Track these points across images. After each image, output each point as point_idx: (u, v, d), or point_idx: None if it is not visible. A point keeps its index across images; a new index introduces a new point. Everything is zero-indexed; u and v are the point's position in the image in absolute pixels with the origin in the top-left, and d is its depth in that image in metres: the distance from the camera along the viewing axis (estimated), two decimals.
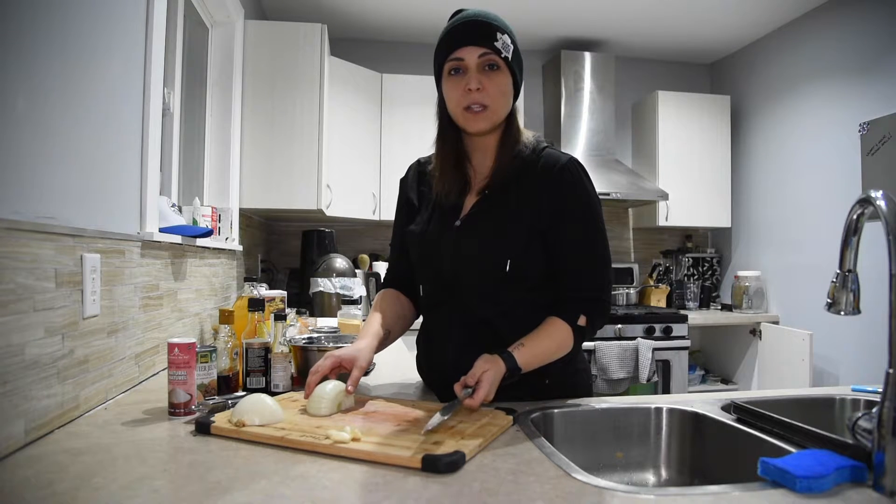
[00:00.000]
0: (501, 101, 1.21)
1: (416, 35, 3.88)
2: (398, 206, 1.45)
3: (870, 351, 2.95)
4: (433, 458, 0.82)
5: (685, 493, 0.77)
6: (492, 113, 1.20)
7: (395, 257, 1.45)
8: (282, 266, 3.67)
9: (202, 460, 0.87)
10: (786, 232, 3.60)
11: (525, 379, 1.16)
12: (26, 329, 0.94)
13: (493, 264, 1.22)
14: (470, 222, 1.26)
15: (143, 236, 1.48)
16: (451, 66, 1.20)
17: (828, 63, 3.29)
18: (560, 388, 1.28)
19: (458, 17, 1.24)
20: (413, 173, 1.43)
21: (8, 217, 0.90)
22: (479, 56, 1.17)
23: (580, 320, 1.20)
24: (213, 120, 2.68)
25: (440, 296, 1.31)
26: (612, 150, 3.90)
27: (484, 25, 1.19)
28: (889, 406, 0.75)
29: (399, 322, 1.38)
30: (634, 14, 3.53)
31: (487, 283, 1.24)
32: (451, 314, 1.28)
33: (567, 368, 1.29)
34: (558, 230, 1.22)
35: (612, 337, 3.30)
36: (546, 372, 1.22)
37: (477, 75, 1.18)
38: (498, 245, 1.22)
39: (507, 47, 1.19)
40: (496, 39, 1.17)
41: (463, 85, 1.18)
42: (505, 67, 1.20)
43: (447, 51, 1.20)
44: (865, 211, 0.86)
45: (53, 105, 1.06)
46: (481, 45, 1.17)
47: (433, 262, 1.30)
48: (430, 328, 1.37)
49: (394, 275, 1.45)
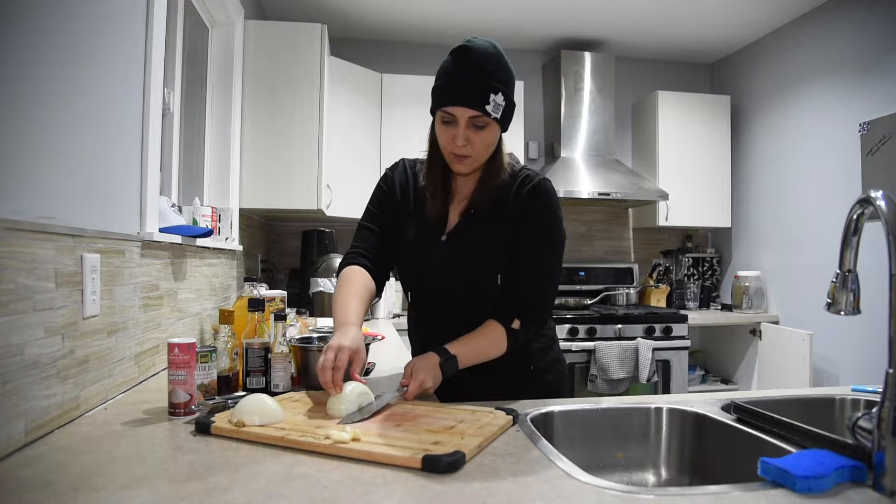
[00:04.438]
0: (485, 152, 1.30)
1: (416, 35, 3.88)
2: (384, 190, 1.44)
3: (870, 351, 2.95)
4: (433, 458, 0.82)
5: (685, 493, 0.77)
6: (474, 161, 1.29)
7: (366, 235, 1.43)
8: (282, 266, 3.67)
9: (202, 460, 0.87)
10: (786, 232, 3.60)
11: (513, 365, 1.34)
12: (26, 329, 0.94)
13: (479, 278, 1.34)
14: (455, 237, 1.36)
15: (143, 236, 1.48)
16: (443, 115, 1.25)
17: (828, 63, 3.29)
18: (544, 375, 1.43)
19: (458, 65, 1.22)
20: (409, 173, 1.44)
21: (8, 217, 0.90)
22: (470, 117, 1.22)
23: (514, 323, 1.29)
24: (213, 120, 2.68)
25: (429, 301, 1.42)
26: (612, 150, 3.90)
27: (478, 87, 1.21)
28: (889, 406, 0.75)
29: (367, 308, 1.37)
30: (634, 14, 3.53)
31: (473, 292, 1.35)
32: (439, 317, 1.40)
33: (548, 356, 1.45)
34: (518, 240, 1.32)
35: (612, 337, 3.31)
36: (530, 360, 1.40)
37: (465, 132, 1.24)
38: (482, 261, 1.34)
39: (498, 107, 1.23)
40: (488, 102, 1.21)
41: (452, 134, 1.25)
42: (493, 123, 1.25)
43: (441, 100, 1.24)
44: (865, 211, 0.86)
45: (53, 105, 1.06)
46: (472, 107, 1.21)
47: (422, 271, 1.39)
48: (420, 329, 1.48)
49: (363, 252, 1.42)
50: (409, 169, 1.45)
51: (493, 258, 1.33)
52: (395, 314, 3.39)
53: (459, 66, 1.22)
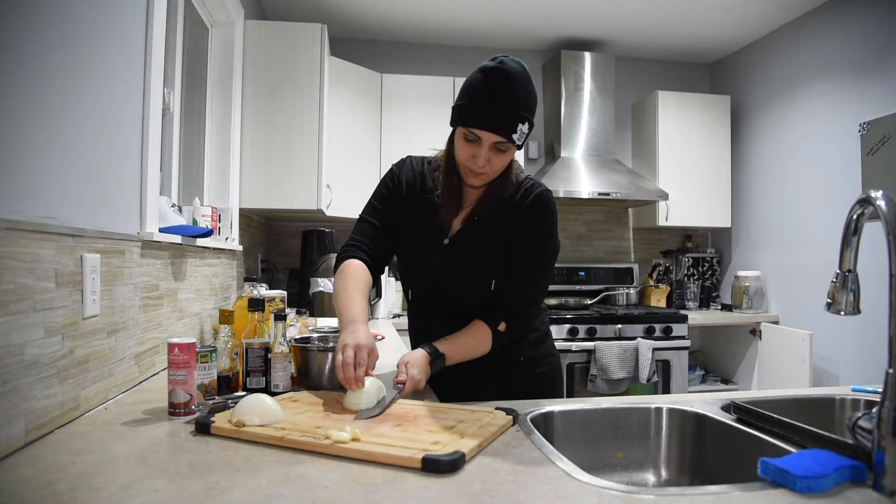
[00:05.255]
0: (500, 170, 1.32)
1: (416, 35, 3.88)
2: (389, 187, 1.45)
3: (870, 351, 2.95)
4: (433, 458, 0.82)
5: (685, 493, 0.77)
6: (489, 178, 1.33)
7: (365, 229, 1.44)
8: (282, 266, 3.67)
9: (202, 460, 0.87)
10: (786, 232, 3.60)
11: (503, 357, 1.38)
12: (26, 329, 0.94)
13: (477, 282, 1.37)
14: (457, 242, 1.38)
15: (143, 236, 1.48)
16: (466, 133, 1.25)
17: (828, 63, 3.29)
18: (534, 367, 1.47)
19: (491, 87, 1.21)
20: (416, 171, 1.45)
21: (8, 217, 0.90)
22: (495, 142, 1.24)
23: (500, 326, 1.33)
24: (213, 120, 2.68)
25: (427, 300, 1.45)
26: (612, 150, 3.90)
27: (509, 116, 1.21)
28: (889, 406, 0.75)
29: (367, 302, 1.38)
30: (634, 14, 3.53)
31: (470, 296, 1.39)
32: (436, 317, 1.43)
33: (539, 349, 1.49)
34: (513, 244, 1.36)
35: (612, 337, 3.31)
36: (520, 350, 1.43)
37: (487, 153, 1.25)
38: (481, 266, 1.36)
39: (523, 135, 1.25)
40: (515, 131, 1.22)
41: (473, 153, 1.26)
42: (513, 147, 1.26)
43: (469, 121, 1.24)
44: (865, 211, 0.86)
45: (53, 105, 1.06)
46: (500, 135, 1.22)
47: (422, 272, 1.42)
48: (418, 328, 1.51)
49: (361, 246, 1.42)
50: (416, 167, 1.46)
51: (490, 265, 1.36)
52: (395, 314, 3.40)
53: (492, 90, 1.21)
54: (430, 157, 1.46)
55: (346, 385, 1.13)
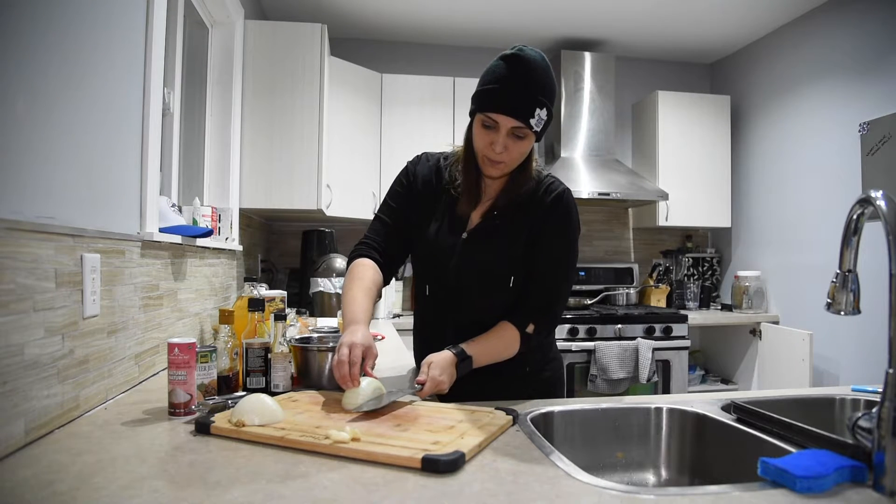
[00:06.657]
0: (518, 160, 1.31)
1: (416, 35, 3.88)
2: (404, 184, 1.45)
3: (870, 351, 2.95)
4: (433, 458, 0.82)
5: (685, 493, 0.77)
6: (507, 167, 1.31)
7: (379, 228, 1.44)
8: (282, 266, 3.67)
9: (202, 460, 0.87)
10: (786, 232, 3.60)
11: (509, 366, 1.33)
12: (26, 329, 0.94)
13: (496, 278, 1.34)
14: (476, 236, 1.36)
15: (143, 236, 1.48)
16: (484, 119, 1.25)
17: (828, 63, 3.29)
18: (539, 372, 1.44)
19: (510, 73, 1.21)
20: (433, 167, 1.44)
21: (8, 217, 0.90)
22: (512, 127, 1.23)
23: (528, 328, 1.31)
24: (213, 120, 2.68)
25: (441, 295, 1.40)
26: (612, 150, 3.90)
27: (527, 99, 1.20)
28: (889, 406, 0.75)
29: (374, 302, 1.38)
30: (634, 14, 3.53)
31: (489, 292, 1.35)
32: (448, 313, 1.39)
33: (546, 354, 1.46)
34: (537, 244, 1.34)
35: (612, 337, 3.31)
36: (525, 360, 1.37)
37: (504, 139, 1.24)
38: (501, 261, 1.34)
39: (541, 122, 1.23)
40: (532, 116, 1.21)
41: (490, 139, 1.25)
42: (532, 134, 1.25)
43: (487, 106, 1.23)
44: (865, 211, 0.86)
45: (53, 105, 1.06)
46: (517, 118, 1.21)
47: (439, 265, 1.38)
48: (425, 325, 1.47)
49: (374, 245, 1.43)
50: (432, 162, 1.45)
51: (509, 260, 1.34)
52: (396, 314, 3.39)
53: (511, 75, 1.21)
54: (447, 153, 1.45)
55: (342, 383, 1.13)
